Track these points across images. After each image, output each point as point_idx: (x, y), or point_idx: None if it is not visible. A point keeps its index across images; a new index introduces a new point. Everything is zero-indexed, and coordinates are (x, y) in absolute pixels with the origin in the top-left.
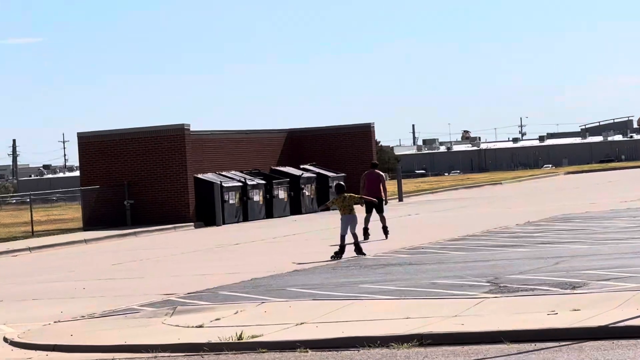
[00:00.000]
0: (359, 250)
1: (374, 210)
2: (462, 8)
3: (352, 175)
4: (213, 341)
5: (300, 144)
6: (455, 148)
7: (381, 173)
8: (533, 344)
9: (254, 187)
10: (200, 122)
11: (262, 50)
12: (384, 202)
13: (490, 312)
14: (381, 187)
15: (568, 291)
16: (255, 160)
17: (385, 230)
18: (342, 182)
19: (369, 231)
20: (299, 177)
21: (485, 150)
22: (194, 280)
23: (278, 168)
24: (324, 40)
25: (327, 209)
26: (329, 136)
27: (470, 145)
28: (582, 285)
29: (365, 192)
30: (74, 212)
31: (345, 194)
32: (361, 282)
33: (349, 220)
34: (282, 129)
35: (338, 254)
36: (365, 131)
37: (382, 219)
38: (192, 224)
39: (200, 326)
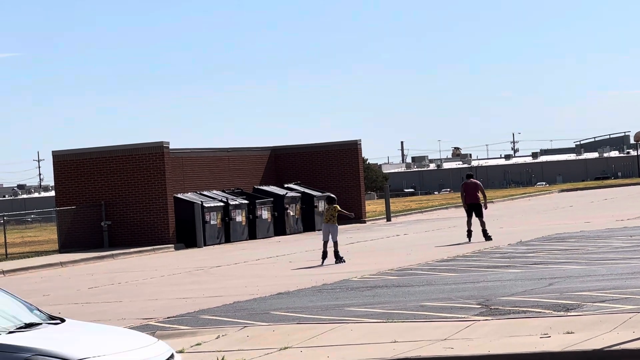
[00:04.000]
0: (337, 257)
1: (473, 214)
2: (452, 23)
3: (339, 194)
4: None
5: (285, 162)
6: (446, 165)
7: (478, 181)
8: None
9: (236, 207)
10: (180, 140)
11: (245, 66)
12: (483, 206)
13: (480, 336)
14: (479, 194)
15: (562, 313)
16: (237, 179)
17: (485, 233)
18: (332, 195)
19: (473, 234)
20: (283, 196)
21: (476, 167)
22: (174, 304)
23: (261, 187)
24: (309, 56)
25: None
26: (314, 154)
27: (461, 162)
28: (577, 307)
29: (467, 198)
30: (49, 234)
31: (333, 205)
32: (347, 305)
33: (327, 228)
34: (265, 147)
35: (322, 258)
36: (351, 149)
37: (482, 223)
38: (172, 245)
39: (181, 351)
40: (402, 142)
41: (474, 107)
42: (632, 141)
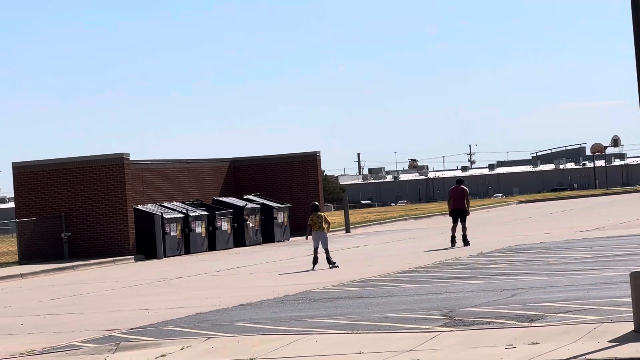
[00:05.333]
0: (330, 262)
1: (459, 220)
2: (408, 34)
3: (299, 205)
4: None
5: (244, 173)
6: (402, 177)
7: (465, 188)
8: None
9: (196, 218)
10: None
11: (203, 78)
12: (466, 213)
13: (446, 347)
14: (465, 200)
15: (526, 324)
16: (197, 191)
17: (464, 239)
18: (316, 202)
19: (456, 239)
20: (243, 207)
21: (433, 179)
22: (136, 315)
23: (221, 199)
24: (265, 68)
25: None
26: (273, 165)
27: (417, 174)
28: (540, 317)
29: (452, 204)
30: (8, 245)
31: (319, 213)
32: (311, 317)
33: (317, 236)
34: (224, 158)
35: (314, 263)
36: (310, 160)
37: (464, 228)
38: (132, 257)
39: None
40: (358, 154)
41: (431, 119)
42: (588, 153)
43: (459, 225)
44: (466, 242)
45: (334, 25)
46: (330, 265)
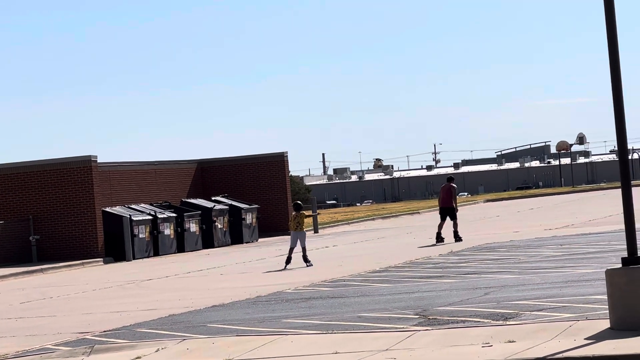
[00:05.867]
0: (306, 260)
1: (447, 218)
2: (374, 35)
3: (267, 206)
4: None
5: (211, 174)
6: (367, 177)
7: (454, 185)
8: None
9: (165, 220)
10: (107, 153)
11: (170, 79)
12: (453, 210)
13: (422, 346)
14: (451, 197)
15: (500, 322)
16: (165, 193)
17: (455, 235)
18: (299, 202)
19: (442, 235)
20: (211, 209)
21: (398, 178)
22: (108, 318)
23: (189, 200)
24: (230, 70)
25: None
26: (240, 166)
27: (382, 174)
28: (515, 316)
29: (440, 202)
30: None
31: (301, 212)
32: (284, 317)
33: (296, 236)
34: (192, 160)
35: (286, 263)
36: (278, 161)
37: (454, 225)
38: (101, 259)
39: None
40: (323, 154)
41: (395, 119)
42: (552, 151)
43: (448, 222)
44: (457, 238)
45: (296, 26)
46: (306, 264)
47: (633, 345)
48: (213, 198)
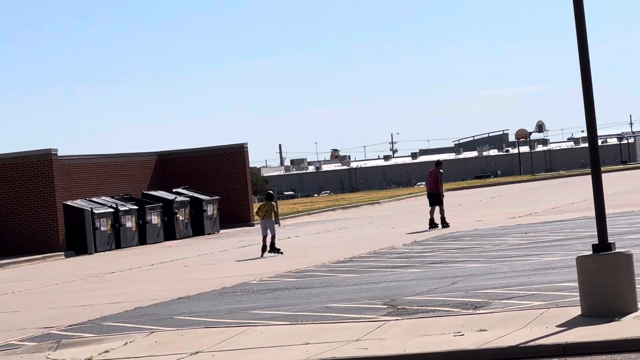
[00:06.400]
0: (273, 248)
1: (433, 203)
2: (329, 27)
3: (227, 197)
4: None
5: (172, 166)
6: (325, 168)
7: (441, 171)
8: None
9: (126, 212)
10: (68, 147)
11: (128, 71)
12: (441, 195)
13: (393, 336)
14: (437, 183)
15: (470, 311)
16: (125, 185)
17: (443, 221)
18: (270, 191)
19: (436, 222)
20: (172, 201)
21: (356, 169)
22: (73, 312)
23: (150, 192)
24: (186, 62)
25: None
26: (201, 158)
27: (340, 164)
28: (484, 305)
29: (426, 188)
30: None
31: (271, 202)
32: (251, 308)
33: (265, 224)
34: (152, 152)
35: (262, 252)
36: (238, 152)
37: (441, 210)
38: (62, 253)
39: (89, 359)
40: (280, 145)
41: (352, 109)
42: (511, 139)
43: (436, 208)
44: (444, 224)
45: (253, 16)
46: (275, 252)
47: (605, 331)
48: (174, 190)
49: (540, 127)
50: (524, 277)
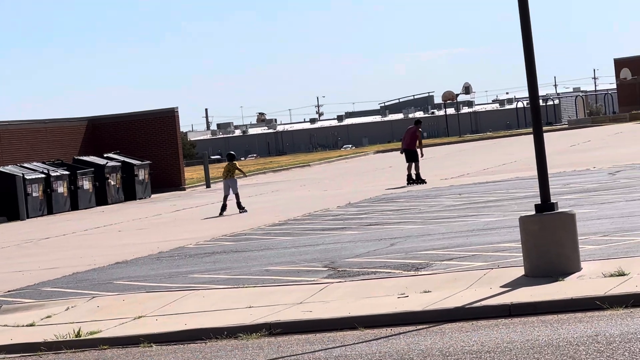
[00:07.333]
0: (240, 207)
1: (412, 161)
2: None
3: (159, 162)
4: (49, 340)
5: (103, 132)
6: (251, 131)
7: (420, 129)
8: (389, 329)
9: (58, 178)
10: None
11: (56, 37)
12: (412, 153)
13: (336, 298)
14: (414, 140)
15: (412, 273)
16: (56, 151)
17: (418, 177)
18: (232, 152)
19: (413, 177)
20: (104, 166)
21: (282, 132)
22: (10, 278)
23: (81, 157)
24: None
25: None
26: (131, 123)
27: (266, 127)
28: (426, 266)
29: (403, 142)
30: None
31: (232, 162)
32: (190, 272)
33: (228, 183)
34: (82, 117)
35: (221, 211)
36: (169, 116)
37: (416, 167)
38: None
39: (32, 325)
40: (206, 109)
41: (276, 72)
42: (436, 101)
43: (412, 165)
44: (420, 181)
45: None
46: (240, 210)
47: (550, 291)
48: (105, 155)
49: (467, 89)
50: (463, 237)
